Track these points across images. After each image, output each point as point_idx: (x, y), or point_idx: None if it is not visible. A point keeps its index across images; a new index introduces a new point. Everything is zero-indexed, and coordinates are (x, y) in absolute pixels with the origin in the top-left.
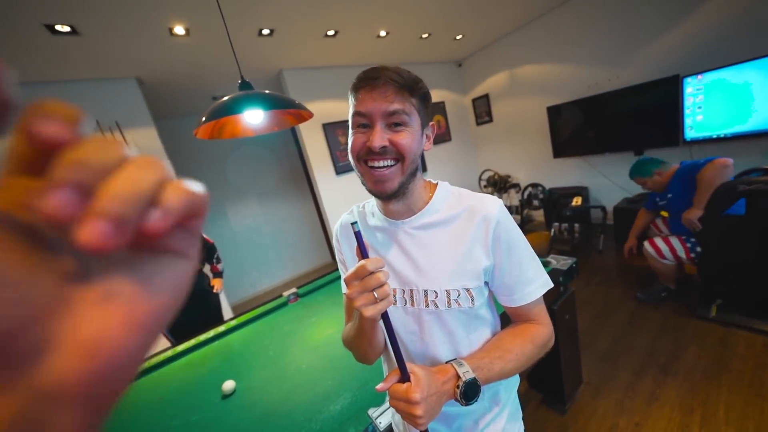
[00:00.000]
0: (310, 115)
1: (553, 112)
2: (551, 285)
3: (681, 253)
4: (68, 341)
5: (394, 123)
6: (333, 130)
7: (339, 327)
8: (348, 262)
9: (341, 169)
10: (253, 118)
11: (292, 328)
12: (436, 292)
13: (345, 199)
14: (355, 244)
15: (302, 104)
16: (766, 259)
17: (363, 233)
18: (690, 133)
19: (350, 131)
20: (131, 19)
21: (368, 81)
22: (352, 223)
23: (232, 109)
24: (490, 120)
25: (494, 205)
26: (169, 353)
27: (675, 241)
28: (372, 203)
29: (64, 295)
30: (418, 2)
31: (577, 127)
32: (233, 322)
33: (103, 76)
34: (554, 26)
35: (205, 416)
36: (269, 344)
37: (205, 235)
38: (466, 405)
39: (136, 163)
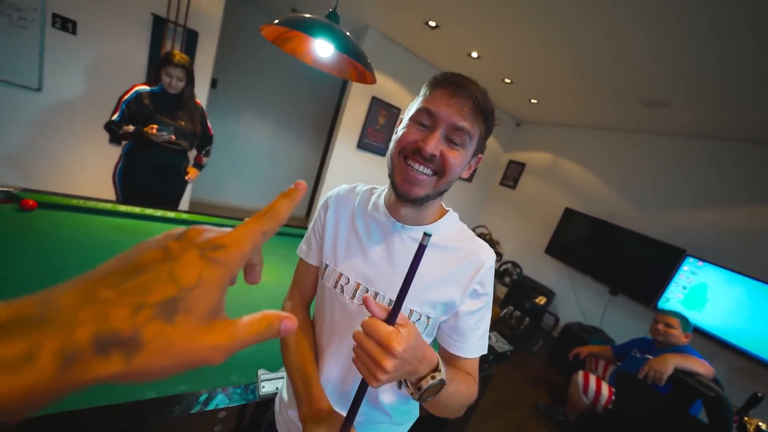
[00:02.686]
0: (373, 80)
1: (568, 214)
2: (486, 351)
3: (603, 401)
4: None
5: (453, 138)
6: (377, 107)
7: (274, 279)
8: (327, 237)
9: (363, 145)
10: (322, 49)
11: None
12: None
13: (350, 174)
14: (346, 220)
15: (371, 66)
16: None
17: (358, 217)
18: (664, 303)
19: (405, 120)
20: None
21: (452, 86)
22: (427, 234)
23: (309, 28)
24: (513, 187)
25: (490, 256)
26: (108, 206)
27: (605, 389)
28: (380, 192)
29: None
30: (526, 48)
31: (578, 239)
32: (184, 216)
33: None
34: (613, 145)
35: None
36: None
37: (209, 123)
38: (418, 398)
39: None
